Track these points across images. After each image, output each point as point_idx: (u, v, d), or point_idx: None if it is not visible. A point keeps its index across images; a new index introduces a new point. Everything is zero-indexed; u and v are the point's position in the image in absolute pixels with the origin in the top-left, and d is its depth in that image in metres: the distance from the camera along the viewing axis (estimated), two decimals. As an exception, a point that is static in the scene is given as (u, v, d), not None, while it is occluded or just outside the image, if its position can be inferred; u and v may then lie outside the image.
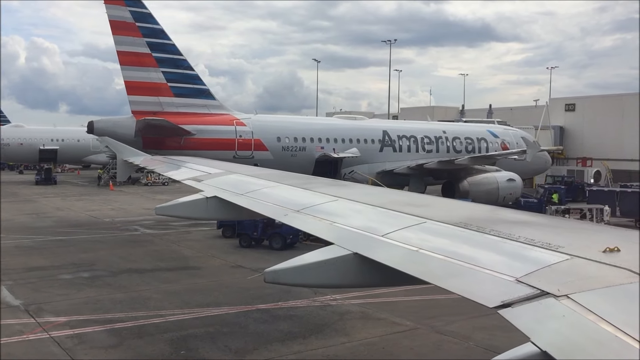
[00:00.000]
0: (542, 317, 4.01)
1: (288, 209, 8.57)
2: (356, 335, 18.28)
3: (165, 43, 42.91)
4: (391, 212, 7.35)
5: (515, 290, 4.49)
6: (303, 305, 21.50)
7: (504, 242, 5.58)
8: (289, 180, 11.14)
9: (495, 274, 4.87)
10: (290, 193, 9.80)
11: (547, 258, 4.92)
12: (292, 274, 6.38)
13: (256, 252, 32.30)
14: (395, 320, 19.89)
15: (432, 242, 5.96)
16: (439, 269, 5.35)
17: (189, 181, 13.26)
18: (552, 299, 4.13)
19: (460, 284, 5.00)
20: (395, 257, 5.78)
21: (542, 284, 4.41)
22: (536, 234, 5.62)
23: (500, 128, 59.04)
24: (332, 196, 8.76)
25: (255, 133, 44.60)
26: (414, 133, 51.71)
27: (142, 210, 51.98)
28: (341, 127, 49.30)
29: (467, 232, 6.04)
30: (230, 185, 11.24)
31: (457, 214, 6.96)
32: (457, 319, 20.16)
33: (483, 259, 5.22)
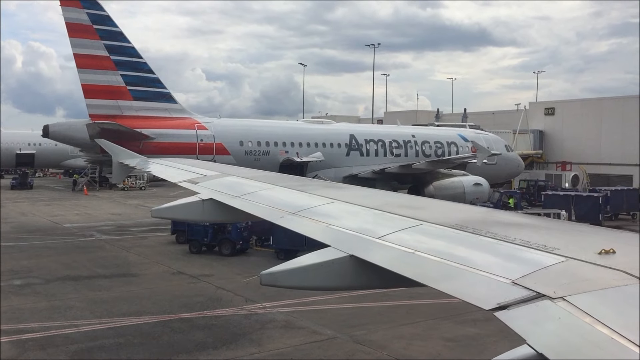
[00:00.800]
0: (538, 319, 3.99)
1: (284, 211, 8.49)
2: (269, 346, 17.72)
3: (124, 46, 42.30)
4: (387, 215, 7.39)
5: (511, 292, 4.45)
6: (228, 314, 20.95)
7: (500, 244, 5.59)
8: (285, 182, 11.04)
9: (491, 276, 4.85)
10: (286, 195, 9.73)
11: (543, 260, 4.93)
12: (288, 276, 6.29)
13: (205, 258, 31.71)
14: (317, 330, 19.33)
15: (428, 244, 5.97)
16: (434, 271, 5.36)
17: (184, 183, 13.04)
18: (548, 301, 4.13)
19: (456, 286, 4.98)
20: (391, 259, 5.79)
21: (538, 286, 4.41)
22: (532, 236, 5.65)
23: (471, 132, 58.54)
24: (328, 198, 8.74)
25: (217, 137, 44.01)
26: (382, 137, 51.19)
27: (108, 215, 51.36)
28: (306, 131, 48.72)
29: (463, 234, 6.06)
30: (226, 188, 11.11)
31: (453, 216, 6.98)
32: (381, 327, 19.73)
33: (479, 261, 5.23)
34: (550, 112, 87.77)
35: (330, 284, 6.47)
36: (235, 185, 11.39)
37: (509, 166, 58.05)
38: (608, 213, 49.54)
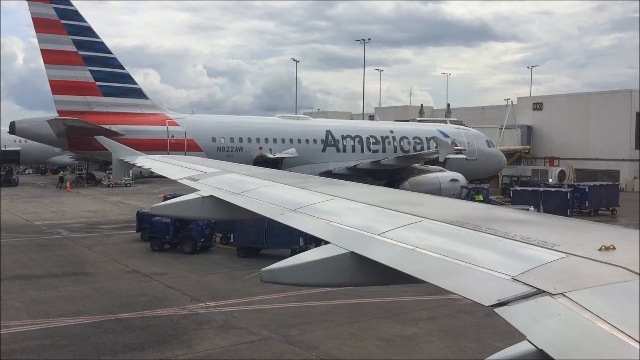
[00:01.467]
0: (538, 315, 3.99)
1: (284, 208, 8.46)
2: (199, 347, 17.33)
3: (92, 41, 41.85)
4: (387, 211, 7.39)
5: (511, 288, 4.44)
6: (167, 314, 20.56)
7: (500, 240, 5.58)
8: (286, 179, 11.03)
9: (491, 272, 4.84)
10: (286, 192, 9.71)
11: (543, 256, 4.94)
12: (288, 273, 6.27)
13: (165, 256, 31.32)
14: (253, 330, 18.95)
15: (428, 241, 5.95)
16: (434, 268, 5.35)
17: (184, 180, 12.95)
18: (548, 297, 4.14)
19: (456, 282, 4.97)
20: (391, 256, 5.79)
21: (538, 282, 4.40)
22: (532, 232, 5.66)
23: (451, 127, 58.03)
24: (329, 195, 8.73)
25: (189, 133, 43.60)
26: (360, 133, 50.74)
27: (83, 212, 50.96)
28: (281, 127, 48.26)
29: (463, 231, 6.05)
30: (226, 185, 11.04)
31: (453, 212, 6.99)
32: (320, 327, 19.38)
33: (479, 257, 5.23)
34: (539, 107, 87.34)
35: (331, 281, 6.50)
36: (235, 182, 11.42)
37: (490, 162, 57.63)
38: (587, 209, 49.16)
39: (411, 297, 22.96)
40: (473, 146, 55.98)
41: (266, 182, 10.78)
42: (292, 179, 11.41)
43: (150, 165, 19.86)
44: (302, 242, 30.13)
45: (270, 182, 10.71)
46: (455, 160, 53.50)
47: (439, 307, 21.83)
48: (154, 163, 19.85)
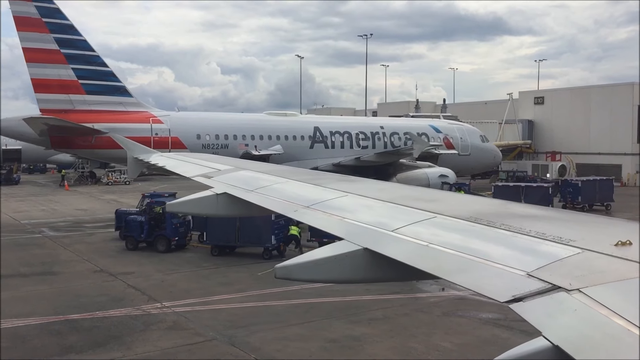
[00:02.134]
0: (554, 311, 4.00)
1: (298, 205, 8.51)
2: (138, 349, 17.06)
3: (75, 39, 41.69)
4: (401, 207, 7.38)
5: (526, 284, 4.43)
6: (119, 315, 20.31)
7: (515, 236, 5.56)
8: (299, 176, 10.99)
9: (506, 268, 4.82)
10: (300, 189, 9.66)
11: (559, 252, 4.91)
12: (302, 269, 6.17)
13: (138, 255, 31.10)
14: (201, 331, 18.63)
15: (442, 237, 5.95)
16: (449, 264, 5.34)
17: (198, 177, 13.00)
18: (564, 293, 4.12)
19: (471, 278, 4.95)
20: (405, 252, 5.78)
21: (554, 278, 4.39)
22: (547, 228, 5.61)
23: (444, 123, 57.32)
24: (342, 192, 8.78)
25: (173, 130, 43.34)
26: (349, 129, 50.24)
27: (72, 211, 50.98)
28: (267, 123, 47.85)
29: (478, 227, 6.04)
30: (240, 182, 11.10)
31: (468, 208, 6.94)
32: (270, 327, 19.07)
33: (494, 253, 5.22)
34: (540, 102, 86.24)
35: (344, 277, 6.47)
36: (249, 179, 11.46)
37: (485, 157, 56.95)
38: (580, 204, 48.38)
39: (373, 296, 22.56)
40: (466, 141, 55.34)
41: (280, 179, 10.82)
42: (306, 175, 11.47)
43: (164, 163, 19.76)
44: (274, 241, 29.82)
45: (284, 179, 10.74)
46: (448, 155, 53.03)
47: (399, 306, 21.43)
48: (168, 161, 19.84)
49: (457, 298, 22.66)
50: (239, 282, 24.90)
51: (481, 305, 21.56)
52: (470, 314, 20.40)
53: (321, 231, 27.57)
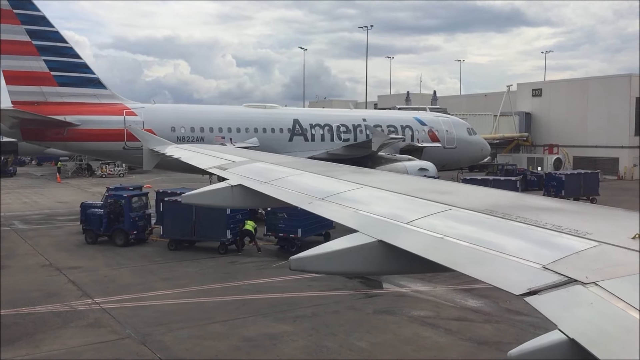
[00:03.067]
0: (570, 304, 3.99)
1: (312, 197, 8.58)
2: (45, 347, 16.80)
3: (46, 30, 41.31)
4: (416, 200, 7.41)
5: (542, 277, 4.42)
6: (44, 311, 20.11)
7: (531, 228, 5.55)
8: (313, 168, 11.13)
9: (522, 261, 4.82)
10: (314, 181, 9.81)
11: (575, 245, 4.91)
12: (317, 261, 6.17)
13: (95, 248, 30.85)
14: (118, 329, 18.30)
15: (457, 229, 5.95)
16: (464, 256, 5.33)
17: (214, 169, 13.38)
18: (580, 286, 4.12)
19: (486, 271, 4.94)
20: (420, 245, 5.79)
21: (570, 271, 4.38)
22: (564, 220, 5.61)
23: (429, 115, 56.43)
24: (357, 184, 8.85)
25: (147, 123, 42.83)
26: (330, 121, 49.58)
27: (53, 203, 50.93)
28: (244, 115, 47.28)
29: (493, 219, 6.04)
30: (254, 174, 11.23)
31: (483, 200, 6.96)
32: (192, 325, 18.71)
33: (509, 246, 5.21)
34: (538, 94, 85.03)
35: (359, 269, 6.54)
36: (263, 171, 11.54)
37: (471, 150, 55.99)
38: (563, 198, 47.48)
39: (312, 292, 22.15)
40: (452, 134, 54.49)
41: (294, 170, 10.86)
42: (320, 167, 11.51)
43: (179, 155, 20.31)
44: (229, 235, 29.44)
45: (298, 171, 10.75)
46: (433, 148, 52.33)
47: (333, 303, 20.97)
48: (183, 152, 20.33)
49: (397, 295, 22.17)
50: (182, 278, 24.54)
51: (417, 302, 21.09)
52: (402, 312, 19.89)
53: (278, 226, 27.60)
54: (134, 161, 52.10)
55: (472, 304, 20.87)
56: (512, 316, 19.47)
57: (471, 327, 18.53)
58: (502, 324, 18.75)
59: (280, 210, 29.13)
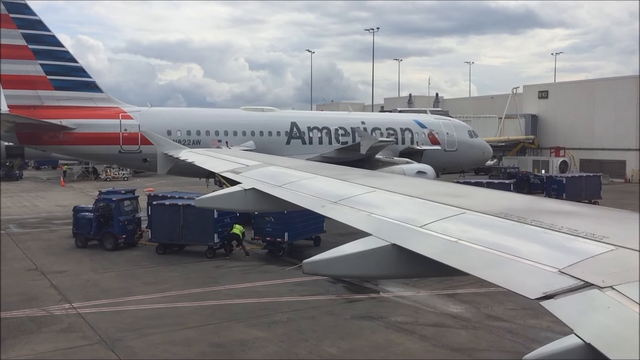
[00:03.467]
0: (586, 308, 3.97)
1: (325, 200, 8.61)
2: (13, 353, 16.72)
3: (43, 34, 41.41)
4: (430, 203, 7.44)
5: (557, 281, 4.41)
6: (21, 315, 20.10)
7: (546, 232, 5.53)
8: (327, 172, 11.20)
9: (537, 265, 4.80)
10: (327, 184, 9.92)
11: (592, 249, 4.87)
12: (329, 265, 6.25)
13: (84, 252, 30.81)
14: (89, 334, 18.21)
15: (471, 233, 5.94)
16: (478, 260, 5.33)
17: (227, 173, 13.49)
18: (597, 291, 4.10)
19: (501, 275, 4.94)
20: (434, 248, 5.79)
21: (586, 275, 4.36)
22: (580, 224, 5.60)
23: (430, 117, 56.01)
24: (370, 187, 8.91)
25: (143, 126, 42.73)
26: (328, 124, 49.34)
27: (52, 207, 51.06)
28: (241, 119, 47.12)
29: (508, 223, 6.03)
30: (268, 177, 11.37)
31: (498, 204, 7.03)
32: (164, 330, 18.57)
33: (524, 249, 5.18)
34: (544, 96, 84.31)
35: (372, 273, 6.54)
36: (276, 174, 11.68)
37: (473, 153, 55.46)
38: (564, 201, 46.96)
39: (292, 297, 21.95)
40: (453, 137, 54.04)
41: (307, 174, 10.93)
42: (333, 171, 11.53)
43: (193, 159, 20.69)
44: (217, 239, 29.28)
45: (311, 175, 10.82)
46: (433, 151, 51.95)
47: (312, 308, 20.75)
48: (197, 157, 20.65)
49: (379, 300, 21.89)
50: (165, 282, 24.39)
51: (397, 307, 20.80)
52: (380, 317, 19.60)
53: (265, 230, 27.48)
54: (130, 165, 52.34)
55: (453, 310, 20.53)
56: (491, 322, 19.13)
57: (447, 334, 18.21)
58: (480, 330, 18.41)
59: (267, 214, 28.97)
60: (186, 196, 34.00)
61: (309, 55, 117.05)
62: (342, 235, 35.76)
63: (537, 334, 17.94)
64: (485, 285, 22.83)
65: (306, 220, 30.33)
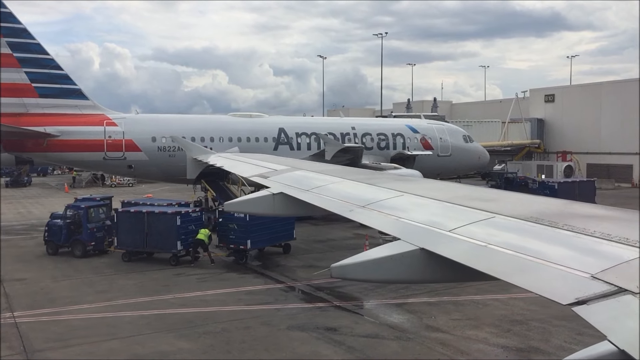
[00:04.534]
0: (620, 314, 3.89)
1: (353, 205, 8.63)
2: None
3: (28, 42, 41.67)
4: (458, 207, 7.40)
5: (590, 286, 4.34)
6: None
7: (578, 237, 5.44)
8: (354, 176, 11.24)
9: (569, 270, 4.73)
10: (355, 188, 9.93)
11: (625, 253, 4.76)
12: (358, 269, 6.24)
13: (53, 260, 30.79)
14: (15, 345, 18.03)
15: (501, 238, 5.88)
16: (508, 265, 5.24)
17: (255, 177, 13.68)
18: (630, 296, 4.02)
19: (531, 280, 4.85)
20: (463, 253, 5.77)
21: (620, 280, 4.28)
22: (613, 229, 5.48)
23: (423, 122, 55.25)
24: (398, 191, 8.91)
25: (127, 133, 42.88)
26: (317, 130, 48.88)
27: (46, 214, 50.62)
28: (227, 125, 46.89)
29: (539, 227, 5.94)
30: (296, 182, 11.48)
31: (528, 208, 6.86)
32: (91, 341, 18.18)
33: (555, 254, 5.11)
34: (550, 99, 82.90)
35: (400, 277, 6.47)
36: (304, 179, 11.74)
37: (467, 158, 54.56)
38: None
39: (237, 307, 21.54)
40: (446, 142, 53.28)
41: (335, 178, 10.94)
42: (361, 175, 11.51)
43: (222, 164, 21.04)
44: (179, 246, 28.99)
45: (339, 179, 10.83)
46: (426, 156, 51.26)
47: (251, 318, 20.33)
48: (225, 161, 20.88)
49: (324, 309, 21.38)
50: (117, 291, 24.12)
51: (338, 317, 20.30)
52: (316, 327, 19.10)
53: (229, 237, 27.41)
54: (115, 172, 52.33)
55: (394, 320, 19.96)
56: (427, 333, 18.55)
57: (377, 345, 17.66)
58: (412, 341, 17.81)
59: (231, 220, 28.66)
60: (157, 203, 33.81)
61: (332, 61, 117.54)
62: (319, 242, 35.40)
63: (469, 346, 17.32)
64: (440, 295, 22.31)
65: (273, 227, 29.95)
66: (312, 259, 30.20)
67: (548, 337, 17.96)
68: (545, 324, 19.08)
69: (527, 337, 18.15)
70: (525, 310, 20.55)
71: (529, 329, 18.77)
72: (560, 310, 4.69)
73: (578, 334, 17.61)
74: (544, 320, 19.31)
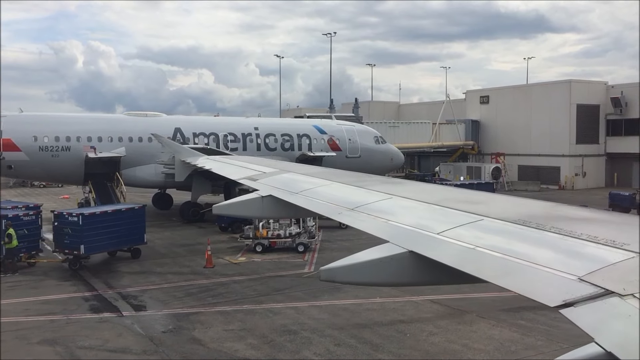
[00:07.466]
0: (607, 316, 3.89)
1: (342, 207, 8.68)
2: None
3: None
4: (447, 210, 7.48)
5: (577, 289, 4.33)
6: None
7: (565, 239, 5.44)
8: (343, 179, 11.28)
9: (556, 272, 4.70)
10: (343, 191, 9.98)
11: (612, 256, 4.75)
12: (347, 272, 6.29)
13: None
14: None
15: (489, 240, 5.92)
16: (496, 267, 5.21)
17: (245, 180, 13.69)
18: (617, 299, 4.02)
19: (519, 282, 4.82)
20: (451, 256, 5.79)
21: (607, 282, 4.28)
22: (600, 231, 5.53)
23: (332, 123, 54.35)
24: (386, 194, 8.94)
25: (6, 132, 41.46)
26: (216, 130, 47.81)
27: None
28: (118, 124, 45.56)
29: (526, 230, 6.00)
30: (284, 184, 11.50)
31: (516, 211, 6.97)
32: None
33: (543, 257, 5.08)
34: (485, 101, 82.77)
35: (389, 280, 6.52)
36: (293, 182, 11.77)
37: (379, 159, 53.79)
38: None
39: (20, 318, 20.36)
40: (356, 143, 52.50)
41: (324, 181, 11.02)
42: (350, 177, 11.58)
43: (210, 166, 21.06)
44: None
45: (328, 182, 10.90)
46: (334, 158, 50.16)
47: (22, 329, 19.21)
48: (214, 164, 20.94)
49: (101, 320, 20.19)
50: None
51: (106, 329, 19.11)
52: (69, 342, 17.98)
53: (64, 242, 25.55)
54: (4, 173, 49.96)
55: (162, 332, 18.85)
56: (188, 345, 17.44)
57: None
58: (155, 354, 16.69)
59: (65, 224, 27.25)
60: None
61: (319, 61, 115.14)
62: (183, 246, 34.11)
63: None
64: (240, 303, 21.23)
65: (116, 231, 28.62)
66: (156, 264, 28.86)
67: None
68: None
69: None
70: (312, 320, 19.55)
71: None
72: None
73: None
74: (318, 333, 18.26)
